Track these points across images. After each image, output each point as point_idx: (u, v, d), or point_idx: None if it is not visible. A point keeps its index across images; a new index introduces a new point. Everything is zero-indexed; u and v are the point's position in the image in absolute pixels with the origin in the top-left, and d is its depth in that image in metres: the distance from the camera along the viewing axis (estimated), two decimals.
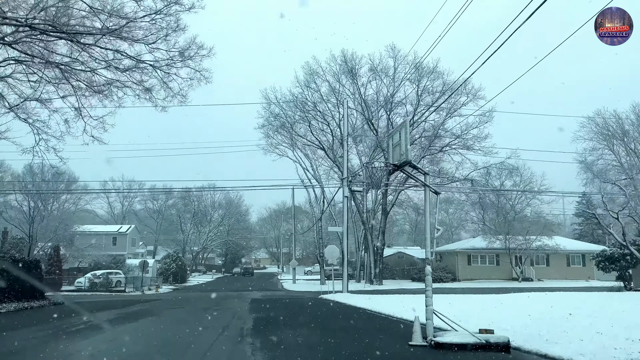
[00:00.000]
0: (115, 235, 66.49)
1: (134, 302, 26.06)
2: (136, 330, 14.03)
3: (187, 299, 29.09)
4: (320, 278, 47.90)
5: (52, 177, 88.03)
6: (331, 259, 28.59)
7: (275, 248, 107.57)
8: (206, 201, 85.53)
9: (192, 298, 29.70)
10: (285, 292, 38.13)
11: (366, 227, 42.91)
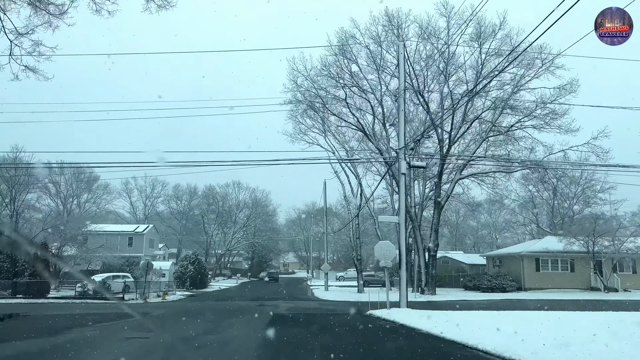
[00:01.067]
0: (132, 235, 60.13)
1: (99, 319, 18.78)
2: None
3: (188, 312, 21.73)
4: (358, 285, 40.05)
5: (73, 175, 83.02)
6: (384, 260, 20.84)
7: (305, 252, 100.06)
8: (231, 200, 78.75)
9: (196, 311, 22.31)
10: (317, 302, 30.42)
11: (415, 224, 34.91)
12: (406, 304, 20.19)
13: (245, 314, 20.15)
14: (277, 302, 29.52)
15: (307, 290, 46.93)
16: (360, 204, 40.09)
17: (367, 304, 27.14)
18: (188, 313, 21.04)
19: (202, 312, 21.61)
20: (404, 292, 20.44)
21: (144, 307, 24.96)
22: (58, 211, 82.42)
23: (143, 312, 20.69)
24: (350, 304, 27.83)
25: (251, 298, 33.74)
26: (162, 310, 22.58)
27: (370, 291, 42.80)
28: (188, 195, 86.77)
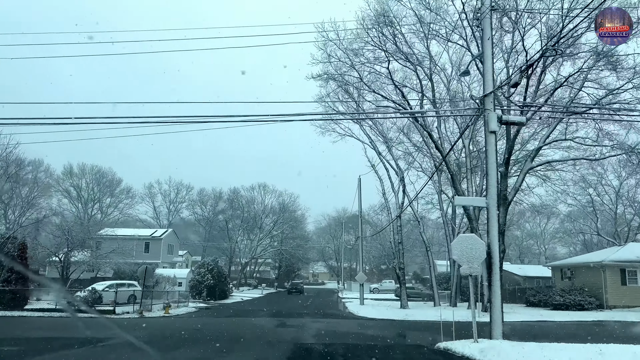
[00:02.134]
0: (148, 240, 54.54)
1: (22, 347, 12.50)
2: None
3: (175, 336, 15.25)
4: (401, 299, 32.97)
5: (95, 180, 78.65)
6: (468, 263, 13.85)
7: (335, 261, 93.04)
8: (256, 205, 72.68)
9: (189, 335, 15.80)
10: (355, 322, 23.53)
11: (473, 224, 27.74)
12: (501, 332, 13.09)
13: (255, 343, 13.53)
14: (303, 320, 22.86)
15: (339, 304, 40.05)
16: (403, 202, 33.16)
17: (425, 326, 20.35)
18: (174, 338, 14.58)
19: (196, 336, 15.07)
20: (498, 314, 13.40)
21: (129, 325, 18.68)
22: (78, 216, 78.36)
23: (110, 335, 14.32)
24: (400, 326, 20.91)
25: (272, 313, 27.16)
26: (144, 332, 16.19)
27: (414, 306, 35.74)
28: (213, 200, 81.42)
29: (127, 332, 15.60)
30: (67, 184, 73.77)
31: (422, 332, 17.35)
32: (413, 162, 36.68)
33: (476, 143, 31.50)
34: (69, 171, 73.61)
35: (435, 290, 34.33)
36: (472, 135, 30.30)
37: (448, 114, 27.78)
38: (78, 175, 74.47)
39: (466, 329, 14.36)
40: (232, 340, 14.16)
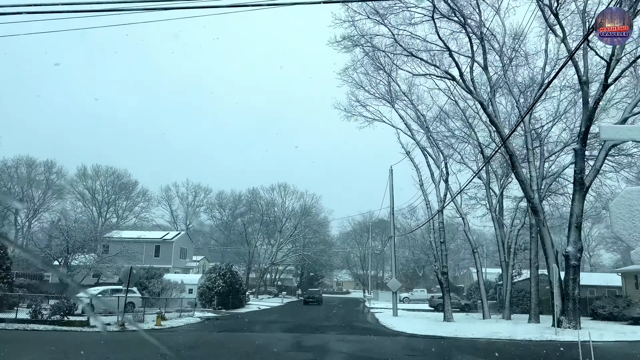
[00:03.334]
0: (159, 243, 49.86)
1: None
2: None
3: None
4: (445, 310, 27.05)
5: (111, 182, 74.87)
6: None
7: (361, 269, 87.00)
8: (276, 207, 67.53)
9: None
10: (394, 341, 17.89)
11: (539, 217, 21.88)
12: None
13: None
14: (325, 336, 17.42)
15: (367, 316, 34.35)
16: (446, 193, 27.42)
17: (497, 348, 14.69)
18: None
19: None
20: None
21: (89, 343, 13.58)
22: (92, 220, 74.62)
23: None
24: (460, 348, 15.22)
25: (289, 327, 21.75)
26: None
27: (458, 319, 29.59)
28: (232, 203, 76.75)
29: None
30: (80, 186, 70.16)
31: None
32: (453, 154, 31.01)
33: (536, 121, 25.67)
34: (82, 173, 70.06)
35: (484, 299, 28.42)
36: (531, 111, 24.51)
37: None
38: (92, 177, 70.82)
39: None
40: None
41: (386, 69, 27.16)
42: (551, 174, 26.14)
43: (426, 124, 27.64)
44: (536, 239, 25.71)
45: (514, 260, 28.41)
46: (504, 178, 32.99)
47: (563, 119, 24.97)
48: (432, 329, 21.97)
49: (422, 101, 30.99)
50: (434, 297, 49.21)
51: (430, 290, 70.74)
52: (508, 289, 27.85)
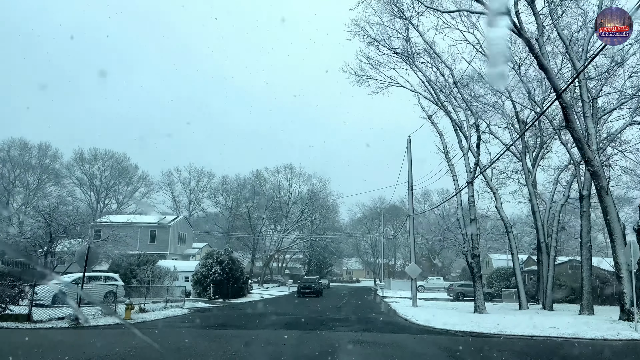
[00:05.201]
0: (154, 228, 45.80)
1: None
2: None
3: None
4: (476, 300, 22.47)
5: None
6: None
7: (372, 256, 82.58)
8: (282, 191, 63.18)
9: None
10: (425, 340, 13.46)
11: (602, 184, 17.29)
12: None
13: None
14: (335, 334, 13.12)
15: (383, 306, 30.01)
16: (477, 162, 22.81)
17: (573, 351, 10.32)
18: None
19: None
20: None
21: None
22: (91, 206, 70.89)
23: None
24: (518, 351, 10.73)
25: (290, 322, 17.46)
26: None
27: (490, 309, 24.92)
28: (237, 189, 72.57)
29: None
30: (78, 171, 66.32)
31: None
32: (480, 123, 26.30)
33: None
34: (79, 157, 66.18)
35: (521, 287, 23.88)
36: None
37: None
38: (90, 162, 66.94)
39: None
40: None
41: (406, 14, 22.58)
42: (606, 135, 21.43)
43: (454, 78, 23.03)
44: (587, 214, 21.14)
45: (556, 242, 23.83)
46: (537, 148, 28.38)
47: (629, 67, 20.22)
48: (466, 323, 17.55)
49: (444, 64, 26.42)
50: (453, 285, 44.80)
51: (445, 278, 66.30)
52: (550, 275, 23.27)
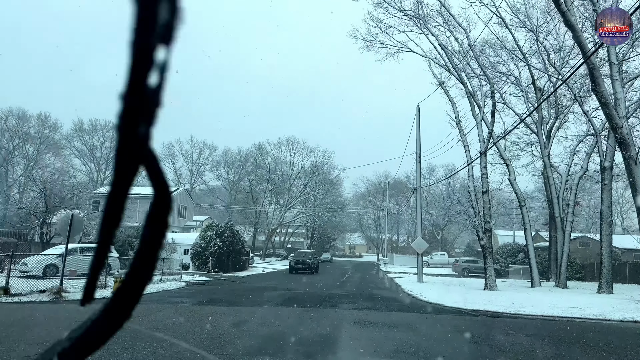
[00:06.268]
0: (152, 200, 44.56)
1: None
2: None
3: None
4: (486, 276, 21.19)
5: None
6: None
7: (375, 231, 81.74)
8: (285, 165, 61.80)
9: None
10: (437, 319, 12.22)
11: (631, 152, 15.77)
12: None
13: None
14: (338, 313, 11.91)
15: (387, 281, 28.95)
16: (491, 130, 21.27)
17: (603, 334, 9.07)
18: None
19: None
20: None
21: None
22: (91, 178, 69.86)
23: None
24: (541, 334, 9.43)
25: (288, 298, 16.30)
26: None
27: (500, 286, 23.60)
28: (239, 162, 71.22)
29: None
30: (77, 142, 65.02)
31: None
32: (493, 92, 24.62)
33: None
34: (79, 127, 64.74)
35: (533, 264, 22.61)
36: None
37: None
38: (89, 132, 65.56)
39: None
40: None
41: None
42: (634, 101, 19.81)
43: (469, 40, 21.31)
44: (609, 186, 19.68)
45: (572, 216, 22.46)
46: (552, 119, 26.78)
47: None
48: (479, 301, 16.33)
49: (459, 25, 24.57)
50: (458, 261, 43.82)
51: (449, 254, 65.43)
52: (565, 251, 21.96)
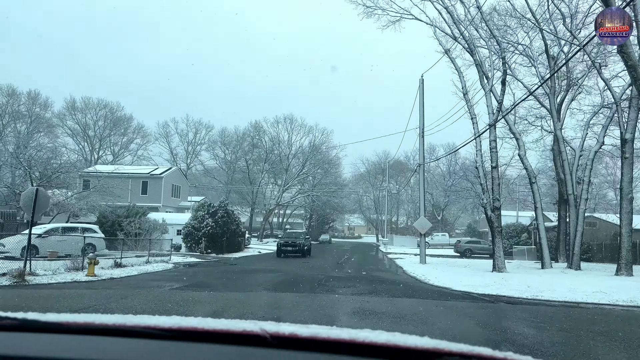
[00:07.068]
0: (146, 179, 43.02)
1: None
2: None
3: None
4: (495, 257, 19.66)
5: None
6: None
7: (374, 213, 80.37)
8: (282, 144, 60.05)
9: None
10: (448, 306, 10.68)
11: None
12: None
13: None
14: (335, 299, 10.39)
15: (387, 263, 27.56)
16: (502, 100, 19.55)
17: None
18: None
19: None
20: None
21: None
22: (85, 157, 68.06)
23: None
24: (575, 326, 7.84)
25: (281, 282, 14.82)
26: None
27: (509, 268, 22.04)
28: (236, 141, 69.43)
29: None
30: (70, 120, 63.10)
31: None
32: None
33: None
34: (71, 106, 62.75)
35: (544, 244, 21.14)
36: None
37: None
38: (82, 111, 63.58)
39: None
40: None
41: None
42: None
43: (477, 2, 19.44)
44: (630, 160, 18.07)
45: (587, 193, 20.89)
46: (563, 92, 25.06)
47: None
48: (489, 285, 14.85)
49: None
50: (460, 242, 42.45)
51: (450, 235, 64.20)
52: (579, 231, 20.45)
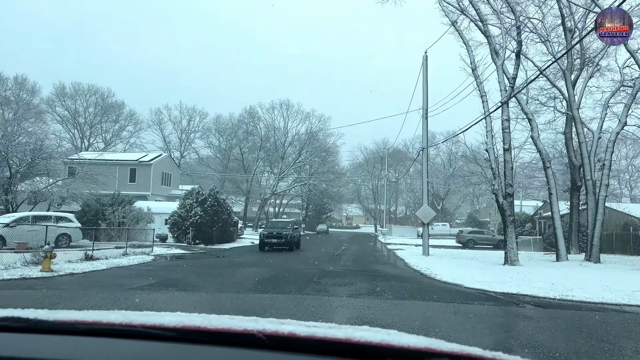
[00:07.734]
0: (134, 166, 40.94)
1: None
2: None
3: None
4: (507, 249, 17.76)
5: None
6: None
7: (373, 203, 78.53)
8: (278, 131, 57.91)
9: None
10: (478, 319, 8.74)
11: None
12: None
13: None
14: (331, 301, 8.49)
15: (387, 254, 25.65)
16: (516, 74, 17.51)
17: None
18: None
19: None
20: None
21: None
22: (75, 145, 65.86)
23: None
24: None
25: (268, 280, 12.91)
26: None
27: (523, 260, 19.80)
28: (230, 129, 67.26)
29: None
30: (59, 107, 60.77)
31: None
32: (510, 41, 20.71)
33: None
34: (60, 91, 60.40)
35: (559, 235, 19.26)
36: None
37: None
38: (72, 97, 61.24)
39: None
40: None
41: None
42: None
43: None
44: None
45: (607, 178, 18.94)
46: (577, 71, 23.03)
47: None
48: (507, 281, 12.95)
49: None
50: (462, 232, 40.58)
51: (450, 225, 62.44)
52: (599, 219, 18.50)
